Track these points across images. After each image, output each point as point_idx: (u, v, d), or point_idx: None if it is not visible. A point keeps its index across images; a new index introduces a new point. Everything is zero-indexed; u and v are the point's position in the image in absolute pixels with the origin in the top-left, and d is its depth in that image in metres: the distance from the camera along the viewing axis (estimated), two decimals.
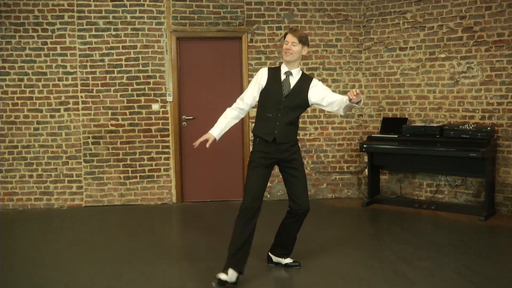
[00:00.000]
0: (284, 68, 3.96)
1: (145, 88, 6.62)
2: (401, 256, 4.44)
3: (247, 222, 3.79)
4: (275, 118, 3.88)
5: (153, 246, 4.91)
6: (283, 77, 3.94)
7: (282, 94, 3.90)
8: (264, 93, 3.92)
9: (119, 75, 6.59)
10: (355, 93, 3.65)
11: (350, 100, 3.71)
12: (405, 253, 4.54)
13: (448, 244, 4.77)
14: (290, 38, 3.90)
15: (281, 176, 6.90)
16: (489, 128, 5.67)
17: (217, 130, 3.98)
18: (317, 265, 4.26)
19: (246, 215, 3.79)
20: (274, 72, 3.96)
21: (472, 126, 5.79)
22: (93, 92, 6.58)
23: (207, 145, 3.94)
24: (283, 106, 3.89)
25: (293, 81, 3.94)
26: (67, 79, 6.54)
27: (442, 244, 4.78)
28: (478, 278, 3.90)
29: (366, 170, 6.67)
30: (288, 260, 4.22)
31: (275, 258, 4.24)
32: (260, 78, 3.94)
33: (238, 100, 4.03)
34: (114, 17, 6.53)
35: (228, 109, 4.05)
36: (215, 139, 3.95)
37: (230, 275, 3.74)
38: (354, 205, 6.50)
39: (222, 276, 3.74)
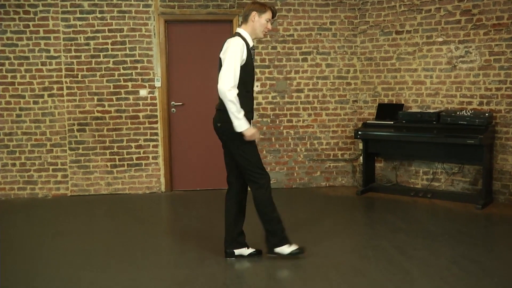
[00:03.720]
0: (250, 42, 3.98)
1: (132, 73, 6.57)
2: (396, 246, 4.46)
3: (271, 190, 4.03)
4: (251, 94, 4.03)
5: (141, 236, 4.91)
6: (251, 51, 3.99)
7: (253, 70, 4.05)
8: (245, 68, 3.89)
9: (105, 59, 6.53)
10: None
11: None
12: (400, 242, 4.56)
13: (444, 233, 4.81)
14: (271, 19, 4.04)
15: (273, 164, 6.97)
16: (487, 114, 5.68)
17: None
18: (310, 255, 4.27)
19: (270, 184, 4.02)
20: (247, 44, 3.93)
21: (470, 112, 5.81)
22: (78, 77, 6.52)
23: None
24: (254, 82, 4.06)
25: (253, 54, 4.05)
26: (50, 64, 6.47)
27: (438, 233, 4.81)
28: (474, 268, 3.93)
29: (361, 157, 6.68)
30: (251, 250, 4.22)
31: (238, 251, 4.18)
32: (242, 52, 3.86)
33: (232, 88, 3.76)
34: None
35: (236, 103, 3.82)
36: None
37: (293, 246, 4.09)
38: (348, 194, 6.52)
39: (290, 248, 4.07)
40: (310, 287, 3.64)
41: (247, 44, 3.93)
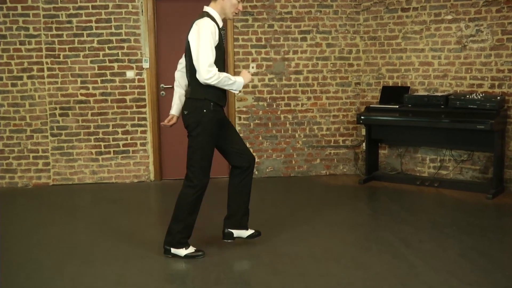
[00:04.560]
0: (220, 22, 3.99)
1: (118, 53, 6.53)
2: (401, 238, 4.48)
3: (201, 197, 4.06)
4: None
5: (129, 228, 4.91)
6: (221, 31, 4.00)
7: (224, 52, 4.06)
8: (216, 51, 3.89)
9: (89, 38, 6.48)
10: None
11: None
12: (405, 234, 4.57)
13: (452, 224, 4.82)
14: None
15: (270, 151, 6.96)
16: (498, 98, 5.67)
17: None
18: (310, 248, 4.29)
19: (203, 190, 4.03)
20: (217, 27, 3.93)
21: (480, 95, 5.80)
22: (59, 58, 6.47)
23: None
24: (225, 64, 4.07)
25: (224, 35, 4.06)
26: (30, 43, 6.42)
27: (446, 224, 4.83)
28: (484, 261, 3.95)
29: (364, 144, 6.68)
30: (250, 232, 4.27)
31: (237, 232, 4.26)
32: (214, 33, 3.87)
33: (211, 68, 3.83)
34: None
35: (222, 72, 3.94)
36: None
37: (190, 249, 4.11)
38: (350, 183, 6.53)
39: (187, 251, 4.08)
40: (309, 281, 3.66)
41: (217, 25, 3.92)
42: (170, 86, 6.65)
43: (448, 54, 6.26)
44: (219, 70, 3.91)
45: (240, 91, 4.10)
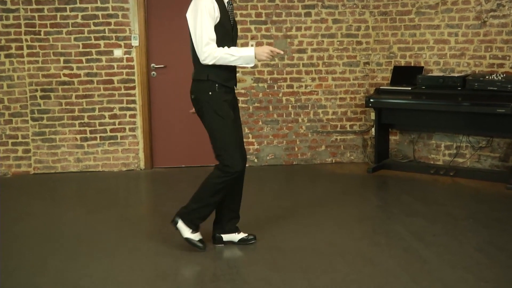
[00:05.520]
0: None
1: (105, 29, 6.51)
2: (413, 231, 4.49)
3: (229, 184, 3.98)
4: None
5: (117, 220, 4.92)
6: (227, 6, 3.95)
7: (232, 28, 3.99)
8: (218, 28, 3.86)
9: (73, 13, 6.46)
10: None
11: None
12: (417, 227, 4.59)
13: (468, 217, 4.83)
14: None
15: (270, 137, 6.96)
16: None
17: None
18: (314, 242, 4.30)
19: (235, 177, 3.94)
20: (217, 2, 3.87)
21: (501, 76, 5.79)
22: (40, 35, 6.45)
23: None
24: (234, 42, 4.01)
25: (231, 9, 4.01)
26: (7, 18, 6.40)
27: (462, 217, 4.84)
28: (503, 256, 3.96)
29: (373, 129, 6.68)
30: (242, 235, 4.26)
31: (226, 237, 4.25)
32: (213, 10, 3.82)
33: (211, 42, 3.80)
34: None
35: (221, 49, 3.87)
36: None
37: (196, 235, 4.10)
38: (358, 171, 6.54)
39: (191, 235, 4.08)
40: (312, 278, 3.67)
41: (218, 0, 3.86)
42: (162, 66, 6.65)
43: (466, 31, 6.24)
44: None
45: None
